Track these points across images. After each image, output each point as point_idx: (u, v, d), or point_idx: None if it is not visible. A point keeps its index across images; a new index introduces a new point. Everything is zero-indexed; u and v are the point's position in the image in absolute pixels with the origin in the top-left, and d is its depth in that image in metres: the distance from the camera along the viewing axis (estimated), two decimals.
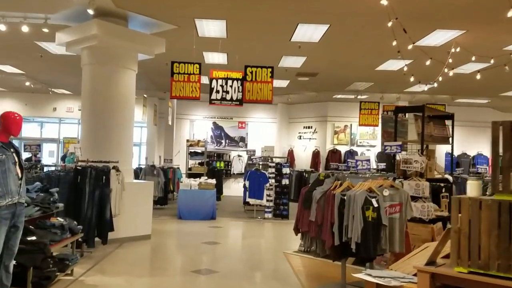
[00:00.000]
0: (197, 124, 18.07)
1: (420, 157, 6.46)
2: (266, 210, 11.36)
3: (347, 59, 10.32)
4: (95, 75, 7.69)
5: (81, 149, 7.71)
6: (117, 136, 7.70)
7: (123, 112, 7.83)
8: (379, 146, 16.50)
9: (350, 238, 4.73)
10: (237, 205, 14.09)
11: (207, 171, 12.63)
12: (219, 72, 8.72)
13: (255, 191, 11.12)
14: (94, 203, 6.38)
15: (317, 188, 5.21)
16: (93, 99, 7.68)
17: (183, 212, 10.70)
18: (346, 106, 16.48)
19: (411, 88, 13.88)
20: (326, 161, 16.44)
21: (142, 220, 7.84)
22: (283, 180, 11.52)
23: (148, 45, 8.00)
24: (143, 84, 14.77)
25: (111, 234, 6.86)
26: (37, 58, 11.09)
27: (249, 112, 18.05)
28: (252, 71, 8.50)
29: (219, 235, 9.03)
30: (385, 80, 12.48)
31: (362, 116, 12.91)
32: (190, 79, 8.40)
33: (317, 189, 5.19)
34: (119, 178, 6.98)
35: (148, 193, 8.10)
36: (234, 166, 17.79)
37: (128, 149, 7.93)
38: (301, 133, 17.57)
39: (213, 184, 11.01)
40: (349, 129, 16.63)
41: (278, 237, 9.41)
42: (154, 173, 10.85)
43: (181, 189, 10.83)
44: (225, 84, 8.64)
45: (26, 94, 16.94)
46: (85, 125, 7.72)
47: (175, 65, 8.44)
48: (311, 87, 13.99)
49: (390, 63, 10.60)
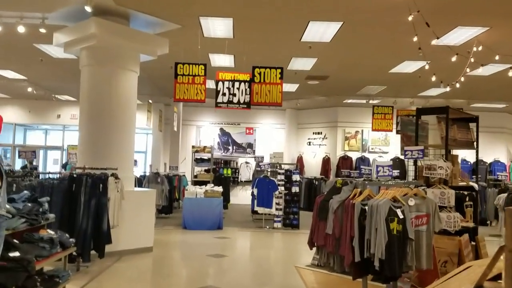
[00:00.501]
0: (203, 130, 17.63)
1: (445, 163, 5.91)
2: (275, 219, 10.82)
3: (360, 60, 9.81)
4: (94, 77, 7.27)
5: (79, 156, 7.29)
6: (117, 141, 7.25)
7: (124, 116, 7.39)
8: (392, 153, 15.93)
9: (372, 254, 4.19)
10: (244, 214, 13.56)
11: (214, 179, 12.14)
12: (226, 74, 8.26)
13: (263, 199, 10.58)
14: (90, 214, 5.90)
15: (334, 197, 4.68)
16: (92, 102, 7.25)
17: (188, 221, 10.20)
18: (357, 111, 15.95)
19: (425, 92, 13.31)
20: (337, 168, 15.86)
21: (143, 231, 7.35)
22: (293, 187, 10.98)
23: (150, 45, 7.57)
24: (148, 90, 14.38)
25: (109, 247, 6.37)
26: (37, 62, 10.73)
27: (257, 117, 17.60)
28: (261, 72, 8.02)
29: (226, 247, 8.50)
30: (399, 83, 11.94)
31: (375, 121, 12.36)
32: (195, 81, 7.94)
33: (334, 198, 4.66)
34: (118, 186, 6.50)
35: (150, 202, 7.62)
36: (241, 173, 17.28)
37: (129, 155, 7.47)
38: (310, 139, 17.03)
39: (220, 192, 10.51)
40: (361, 135, 16.06)
41: (288, 248, 8.85)
42: (158, 181, 10.39)
43: (186, 198, 10.33)
44: (232, 86, 8.17)
45: (30, 101, 16.66)
46: (83, 129, 7.28)
47: (179, 66, 7.99)
48: (321, 91, 13.48)
49: (406, 65, 10.07)
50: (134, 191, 7.46)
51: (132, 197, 7.20)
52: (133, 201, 7.19)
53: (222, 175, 14.13)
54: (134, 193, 7.39)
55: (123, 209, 6.77)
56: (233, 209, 14.34)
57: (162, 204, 10.46)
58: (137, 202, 7.29)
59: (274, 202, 10.62)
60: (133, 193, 7.31)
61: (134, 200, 7.23)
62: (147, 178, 10.43)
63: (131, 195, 7.16)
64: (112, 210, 6.36)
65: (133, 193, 7.34)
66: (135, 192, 7.48)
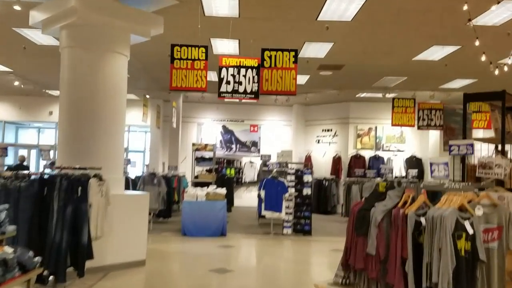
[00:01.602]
0: (205, 127, 16.52)
1: (504, 160, 4.77)
2: (285, 224, 9.70)
3: (382, 45, 8.68)
4: (76, 61, 6.17)
5: (58, 154, 6.20)
6: (103, 137, 6.15)
7: (112, 107, 6.29)
8: (408, 151, 14.81)
9: (435, 283, 3.08)
10: (250, 217, 12.45)
11: (216, 179, 11.04)
12: (230, 59, 7.15)
13: (272, 203, 9.47)
14: (65, 223, 4.80)
15: (376, 205, 3.56)
16: (73, 90, 6.15)
17: (188, 227, 9.09)
18: (371, 106, 14.82)
19: (447, 84, 12.18)
20: (349, 168, 14.74)
21: (134, 242, 6.24)
22: (304, 189, 9.87)
23: (142, 23, 6.46)
24: (144, 83, 13.29)
25: (92, 262, 5.27)
26: (21, 51, 9.65)
27: (261, 114, 16.49)
28: (271, 55, 6.90)
29: (230, 259, 7.40)
30: (421, 74, 10.80)
31: (395, 115, 11.21)
32: (195, 65, 6.83)
33: (376, 206, 3.54)
34: (102, 189, 5.40)
35: (142, 207, 6.51)
36: (245, 173, 16.18)
37: (117, 154, 6.37)
38: (319, 137, 15.90)
39: (223, 195, 9.39)
40: (374, 131, 14.92)
41: (303, 260, 7.74)
42: (154, 182, 9.29)
43: (185, 201, 9.23)
44: (238, 74, 7.06)
45: (20, 97, 15.60)
46: (63, 123, 6.18)
47: (176, 49, 6.88)
48: (333, 84, 12.35)
49: (433, 51, 8.94)
50: (123, 195, 6.36)
51: (121, 202, 6.10)
52: (122, 207, 6.09)
53: (225, 176, 13.03)
54: (124, 197, 6.29)
55: (109, 217, 5.66)
56: (237, 212, 13.22)
57: (159, 208, 9.35)
58: (127, 208, 6.19)
59: (283, 205, 9.51)
60: (122, 197, 6.21)
61: (124, 206, 6.13)
62: (142, 179, 9.33)
63: (120, 199, 6.06)
64: (94, 218, 5.26)
65: (123, 197, 6.24)
66: (125, 196, 6.38)
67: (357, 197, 11.54)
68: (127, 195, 6.47)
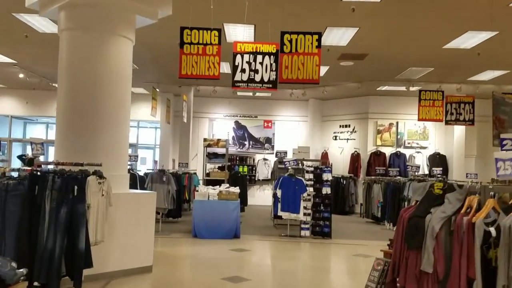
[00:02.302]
0: (217, 123, 15.89)
1: None
2: (303, 226, 9.01)
3: (411, 31, 7.92)
4: (75, 45, 5.56)
5: (55, 149, 5.61)
6: (105, 130, 5.54)
7: (115, 97, 5.68)
8: (431, 147, 13.98)
9: None
10: (264, 218, 11.80)
11: (229, 177, 10.40)
12: (246, 45, 6.47)
13: (289, 203, 8.79)
14: (58, 227, 4.20)
15: (433, 211, 2.87)
16: (72, 78, 5.56)
17: (199, 229, 8.47)
18: (392, 100, 14.02)
19: (476, 76, 11.33)
20: (368, 165, 13.98)
21: (139, 247, 5.63)
22: (323, 188, 9.16)
23: (148, 3, 5.82)
24: (154, 76, 12.72)
25: (93, 270, 4.67)
26: (22, 39, 9.11)
27: (276, 109, 15.81)
28: (292, 39, 6.19)
29: (245, 265, 6.75)
30: (450, 64, 10.00)
31: (422, 109, 10.41)
32: (207, 51, 6.17)
33: (433, 213, 2.85)
34: (102, 188, 4.79)
35: (149, 208, 5.89)
36: (259, 171, 15.52)
37: (121, 149, 5.76)
38: (336, 133, 15.15)
39: (237, 194, 8.75)
40: (395, 127, 14.12)
41: (324, 267, 7.05)
42: (163, 180, 8.68)
43: (196, 200, 8.61)
44: (254, 61, 6.39)
45: (27, 91, 15.16)
46: (61, 115, 5.59)
47: (186, 32, 6.22)
48: (354, 76, 11.60)
49: (466, 37, 8.14)
50: (128, 194, 5.73)
51: (125, 201, 5.49)
52: (127, 207, 5.49)
53: (238, 173, 12.37)
54: (128, 197, 5.67)
55: (111, 219, 5.06)
56: (251, 212, 12.57)
57: (168, 208, 8.75)
58: (132, 208, 5.58)
59: (301, 206, 8.82)
60: (126, 197, 5.60)
61: (128, 206, 5.53)
62: (150, 177, 8.73)
63: (123, 199, 5.45)
64: (93, 221, 4.65)
65: (127, 197, 5.62)
66: (130, 195, 5.75)
67: (379, 197, 10.80)
68: (132, 194, 5.85)
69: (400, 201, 8.99)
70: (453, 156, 13.64)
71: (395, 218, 9.46)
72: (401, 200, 8.91)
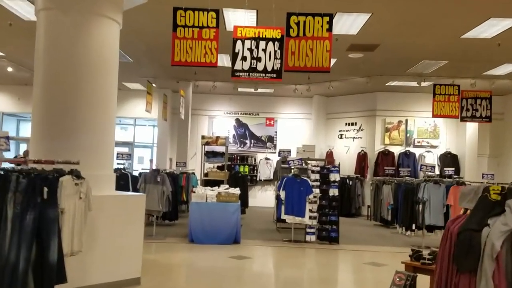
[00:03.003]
0: (216, 121, 15.22)
1: None
2: (308, 230, 8.34)
3: (429, 18, 7.24)
4: (53, 27, 4.91)
5: (31, 146, 4.96)
6: (88, 125, 4.89)
7: (99, 87, 5.02)
8: (442, 146, 13.29)
9: None
10: (265, 220, 11.14)
11: (229, 177, 9.73)
12: (247, 30, 5.78)
13: (293, 205, 8.11)
14: (23, 236, 3.53)
15: (490, 223, 2.19)
16: (50, 65, 4.91)
17: (196, 233, 7.81)
18: (401, 96, 13.34)
19: (492, 71, 10.65)
20: (375, 165, 13.29)
21: (125, 256, 4.96)
22: (330, 189, 8.49)
23: None
24: (150, 71, 12.05)
25: (65, 286, 3.99)
26: (6, 28, 8.46)
27: (278, 106, 15.13)
28: (299, 21, 5.50)
29: (246, 275, 6.08)
30: (466, 56, 9.31)
31: (436, 104, 9.70)
32: (203, 35, 5.49)
33: (491, 225, 2.17)
34: (80, 189, 4.12)
35: (137, 212, 5.22)
36: (260, 171, 14.85)
37: (106, 145, 5.09)
38: (342, 131, 14.46)
39: (237, 195, 8.08)
40: (404, 125, 13.42)
41: (333, 278, 6.38)
42: (157, 181, 8.01)
43: (193, 202, 7.94)
44: (256, 47, 5.71)
45: (18, 86, 14.51)
46: (38, 107, 4.95)
47: (179, 13, 5.53)
48: (363, 70, 10.91)
49: (488, 25, 7.46)
50: (113, 196, 5.06)
51: (110, 205, 4.83)
52: (111, 211, 4.83)
53: (239, 173, 11.70)
54: (113, 200, 4.99)
55: (91, 225, 4.40)
56: (252, 214, 11.90)
57: (163, 210, 8.07)
58: (117, 213, 4.91)
59: (307, 208, 8.15)
60: (111, 200, 4.93)
61: (113, 210, 4.87)
62: (143, 177, 8.05)
63: (107, 202, 4.80)
64: (68, 228, 3.98)
65: (111, 200, 4.95)
66: (115, 198, 5.08)
67: (389, 199, 10.12)
68: (118, 197, 5.18)
69: (413, 204, 8.30)
70: (465, 156, 12.93)
71: (408, 222, 8.83)
72: (414, 202, 8.23)
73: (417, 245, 8.32)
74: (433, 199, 7.98)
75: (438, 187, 8.05)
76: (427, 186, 7.99)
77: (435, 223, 7.98)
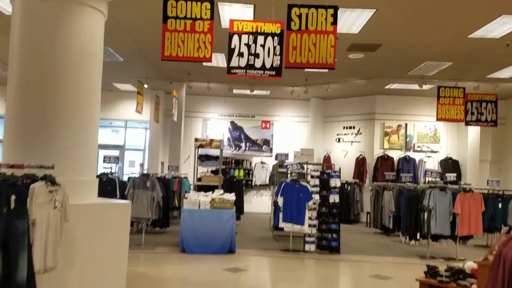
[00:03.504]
0: (211, 123, 14.75)
1: None
2: (308, 239, 7.88)
3: (436, 15, 6.84)
4: (29, 16, 4.43)
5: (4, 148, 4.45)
6: (67, 125, 4.40)
7: (80, 84, 4.54)
8: (443, 151, 12.93)
9: None
10: (262, 227, 10.66)
11: (223, 182, 9.25)
12: (244, 23, 5.34)
13: (292, 212, 7.66)
14: None
15: None
16: (25, 59, 4.43)
17: (187, 242, 7.32)
18: (400, 100, 12.97)
19: (497, 74, 10.29)
20: (375, 170, 12.88)
21: (108, 272, 4.47)
22: (331, 195, 8.05)
23: None
24: (142, 71, 11.56)
25: None
26: None
27: (274, 109, 14.69)
28: (301, 14, 5.07)
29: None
30: (472, 58, 8.94)
31: (441, 107, 9.30)
32: (196, 27, 5.04)
33: None
34: (55, 198, 3.63)
35: (121, 222, 4.74)
36: (256, 175, 14.37)
37: (88, 148, 4.60)
38: (340, 135, 14.04)
39: (232, 202, 7.61)
40: (404, 129, 13.04)
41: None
42: (146, 186, 7.51)
43: (185, 209, 7.45)
44: (254, 42, 5.27)
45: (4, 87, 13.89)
46: (12, 107, 4.45)
47: (170, 3, 5.06)
48: (362, 71, 10.51)
49: (498, 24, 7.08)
50: (94, 205, 4.56)
51: (90, 214, 4.34)
52: (92, 222, 4.34)
53: (234, 178, 11.23)
54: (94, 208, 4.50)
55: (69, 238, 3.91)
56: (247, 221, 11.42)
57: (152, 218, 7.57)
58: (98, 223, 4.42)
59: (306, 216, 7.70)
60: (92, 209, 4.44)
61: (94, 220, 4.37)
62: (131, 182, 7.54)
63: (88, 211, 4.31)
64: (40, 242, 3.49)
65: (92, 209, 4.45)
66: (96, 207, 4.58)
67: (391, 206, 9.69)
68: (100, 205, 4.68)
69: (418, 212, 7.86)
70: (466, 161, 12.57)
71: (413, 231, 8.40)
72: (419, 210, 7.79)
73: (422, 255, 7.91)
74: (439, 207, 7.56)
75: (444, 194, 7.62)
76: (432, 193, 7.57)
77: (441, 233, 7.55)
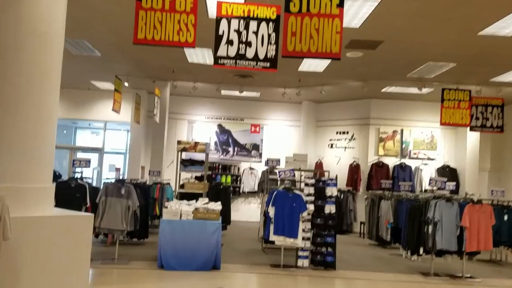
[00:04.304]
0: (197, 126, 13.94)
1: None
2: (301, 254, 7.13)
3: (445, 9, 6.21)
4: None
5: None
6: (15, 122, 3.58)
7: (34, 71, 3.73)
8: (440, 159, 12.34)
9: None
10: (250, 238, 9.88)
11: (208, 190, 8.45)
12: (234, 6, 4.60)
13: (284, 224, 6.90)
14: None
15: None
16: None
17: (167, 257, 6.49)
18: (396, 104, 12.38)
19: (501, 77, 9.73)
20: (369, 178, 12.22)
21: None
22: (326, 206, 7.33)
23: None
24: (123, 68, 10.71)
25: None
26: None
27: (264, 112, 13.97)
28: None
29: None
30: (478, 58, 8.35)
31: (445, 111, 8.66)
32: (176, 6, 4.25)
33: None
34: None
35: (81, 238, 3.91)
36: (244, 181, 13.59)
37: (41, 150, 3.78)
38: (333, 140, 13.37)
39: (218, 212, 6.82)
40: (400, 135, 12.43)
41: None
42: (121, 193, 6.67)
43: (164, 220, 6.63)
44: (245, 29, 4.53)
45: None
46: None
47: None
48: (359, 72, 9.86)
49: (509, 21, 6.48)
50: (48, 217, 3.73)
51: (41, 230, 3.52)
52: (44, 238, 3.52)
53: (220, 185, 10.42)
54: (47, 222, 3.67)
55: (12, 260, 3.09)
56: (234, 230, 10.60)
57: (127, 229, 6.72)
58: (52, 240, 3.60)
59: (300, 228, 6.95)
60: (44, 222, 3.61)
61: (46, 237, 3.55)
62: (103, 189, 6.69)
63: (38, 225, 3.49)
64: None
65: (45, 222, 3.63)
66: (50, 219, 3.74)
67: (389, 216, 9.01)
68: (54, 218, 3.83)
69: (421, 224, 7.18)
70: (465, 170, 11.99)
71: (415, 245, 7.72)
72: (423, 223, 7.11)
73: (425, 271, 7.22)
74: (445, 219, 6.89)
75: (450, 206, 6.96)
76: (438, 204, 6.90)
77: (448, 248, 6.87)
